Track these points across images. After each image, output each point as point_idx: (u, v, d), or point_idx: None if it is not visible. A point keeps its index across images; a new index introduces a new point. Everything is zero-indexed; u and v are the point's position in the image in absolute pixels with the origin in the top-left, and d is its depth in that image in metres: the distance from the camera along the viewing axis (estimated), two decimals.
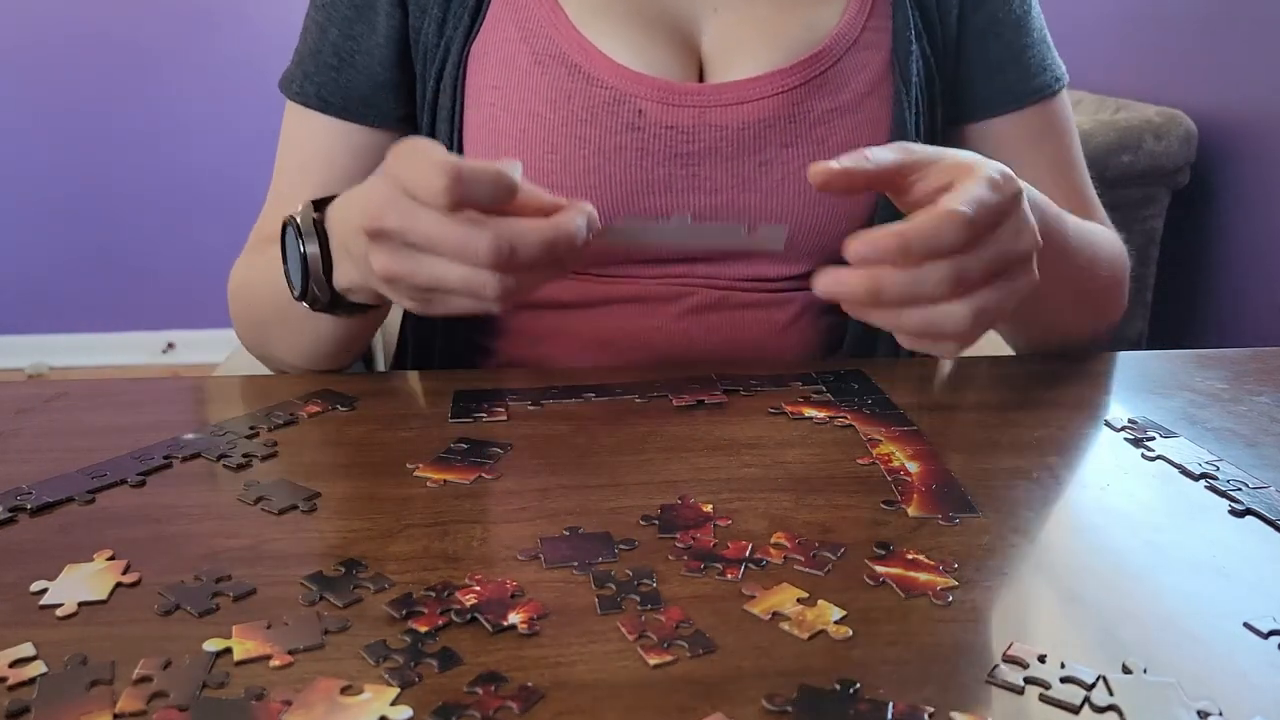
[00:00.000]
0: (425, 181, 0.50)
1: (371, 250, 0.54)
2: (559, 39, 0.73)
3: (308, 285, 0.63)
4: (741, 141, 0.74)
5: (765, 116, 0.74)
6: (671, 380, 0.69)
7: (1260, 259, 1.78)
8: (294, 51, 0.80)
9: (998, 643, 0.41)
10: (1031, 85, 0.80)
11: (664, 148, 0.73)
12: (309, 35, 0.78)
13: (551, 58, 0.73)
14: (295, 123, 0.79)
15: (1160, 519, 0.52)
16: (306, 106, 0.77)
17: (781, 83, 0.74)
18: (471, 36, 0.75)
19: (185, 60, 2.98)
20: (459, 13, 0.75)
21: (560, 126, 0.73)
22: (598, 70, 0.73)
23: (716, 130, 0.73)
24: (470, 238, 0.51)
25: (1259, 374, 0.72)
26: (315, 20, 0.78)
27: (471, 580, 0.45)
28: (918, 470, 0.56)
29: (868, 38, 0.76)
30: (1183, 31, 2.00)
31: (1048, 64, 0.81)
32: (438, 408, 0.65)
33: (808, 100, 0.74)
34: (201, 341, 3.11)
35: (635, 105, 0.73)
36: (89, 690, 0.38)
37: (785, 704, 0.37)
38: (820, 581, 0.46)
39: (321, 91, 0.77)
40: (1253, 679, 0.40)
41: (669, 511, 0.52)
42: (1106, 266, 0.78)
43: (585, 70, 0.73)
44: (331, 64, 0.77)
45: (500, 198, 0.52)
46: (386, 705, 0.37)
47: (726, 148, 0.74)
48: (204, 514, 0.52)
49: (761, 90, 0.74)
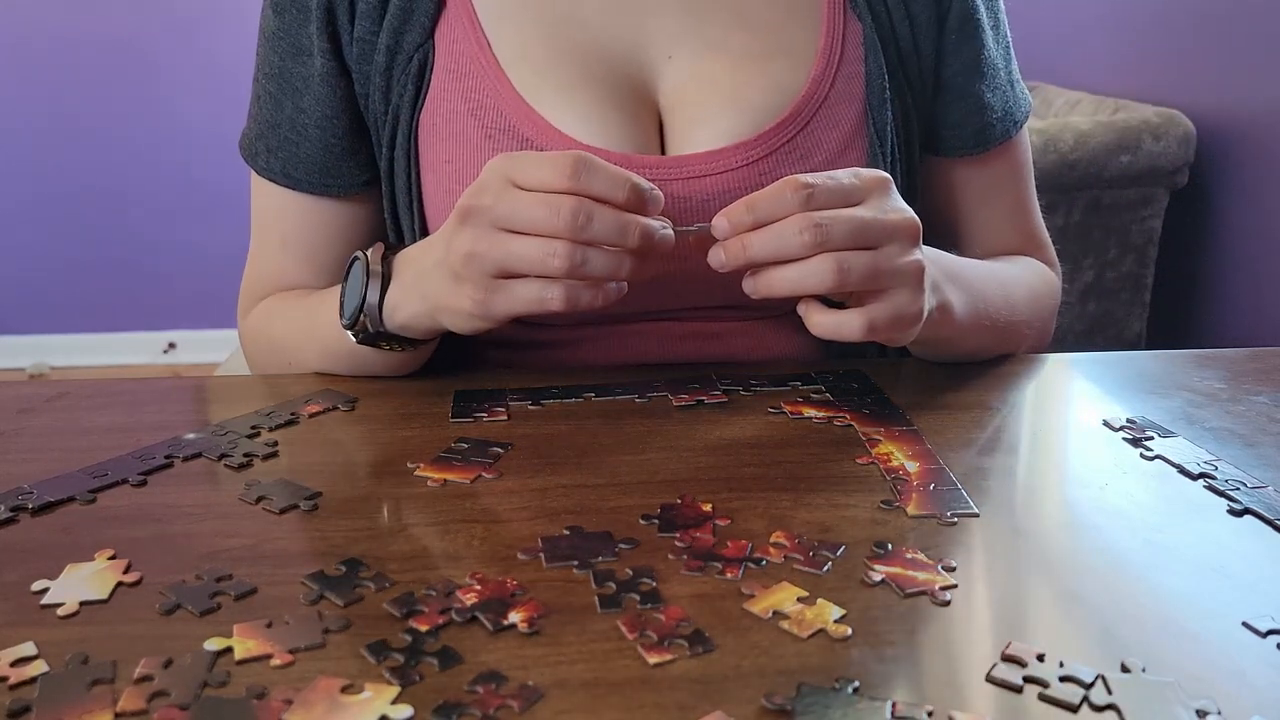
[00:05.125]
0: (544, 161, 0.55)
1: (457, 233, 0.57)
2: (508, 112, 0.70)
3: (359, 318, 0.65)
4: (708, 211, 0.66)
5: (732, 188, 0.69)
6: (671, 380, 0.69)
7: (1259, 259, 1.78)
8: (248, 114, 0.77)
9: (997, 642, 0.41)
10: (998, 130, 0.79)
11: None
12: (264, 106, 0.75)
13: (502, 132, 0.69)
14: (265, 194, 0.77)
15: (1159, 519, 0.52)
16: (274, 183, 0.76)
17: (747, 154, 0.70)
18: (419, 106, 0.72)
19: (186, 61, 2.98)
20: (402, 80, 0.71)
21: None
22: (550, 144, 0.69)
23: (680, 202, 0.69)
24: (553, 201, 0.55)
25: (1257, 374, 0.72)
26: (268, 90, 0.75)
27: (472, 579, 0.45)
28: (917, 470, 0.56)
29: (840, 89, 0.72)
30: (1182, 31, 2.00)
31: (1014, 104, 0.80)
32: (438, 408, 0.65)
33: (777, 169, 0.70)
34: (202, 341, 3.11)
35: None
36: (90, 689, 0.38)
37: (785, 703, 0.37)
38: (820, 581, 0.46)
39: (287, 168, 0.75)
40: (1251, 678, 0.40)
41: (669, 511, 0.52)
42: (1025, 304, 0.77)
43: (537, 144, 0.69)
44: (291, 139, 0.74)
45: (618, 196, 0.56)
46: (387, 704, 0.37)
47: (691, 218, 0.69)
48: (205, 513, 0.52)
49: (726, 162, 0.69)
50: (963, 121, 0.78)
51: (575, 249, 0.55)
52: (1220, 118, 1.87)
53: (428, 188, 0.72)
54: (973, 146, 0.79)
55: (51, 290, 3.10)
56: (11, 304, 3.09)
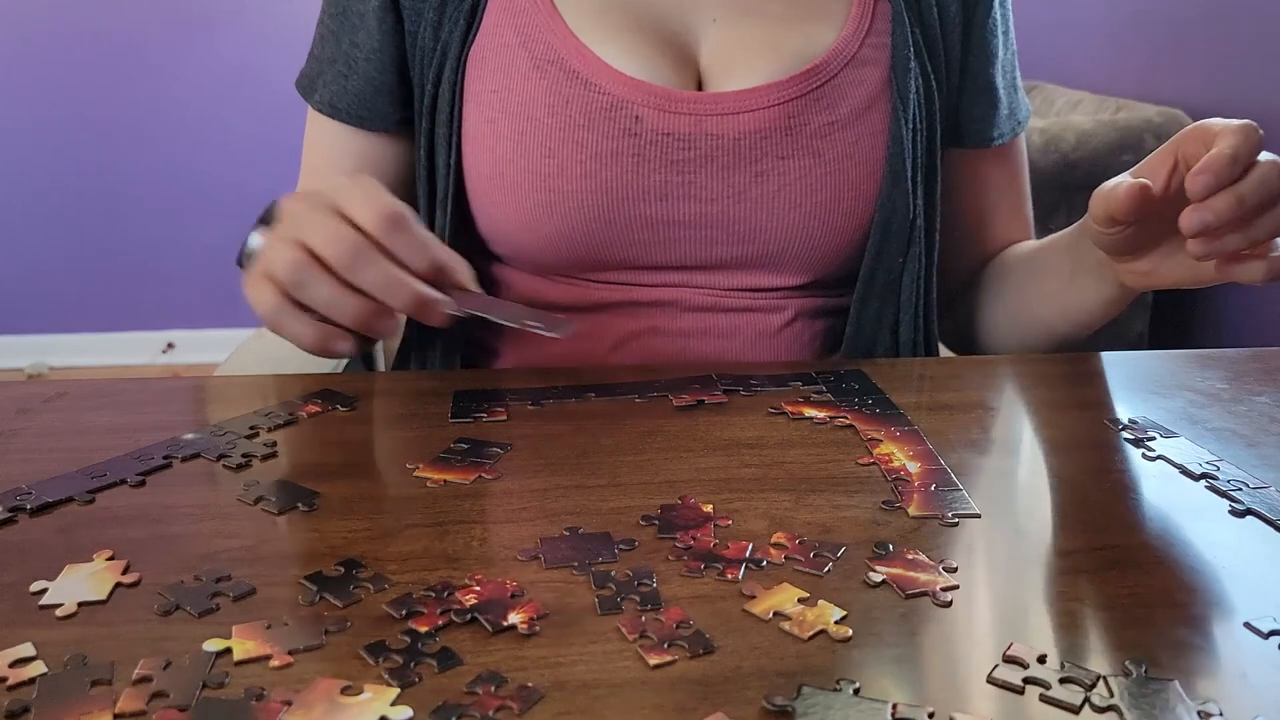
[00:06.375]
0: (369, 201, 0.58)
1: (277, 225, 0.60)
2: (557, 45, 0.74)
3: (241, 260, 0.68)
4: (738, 151, 0.74)
5: (761, 127, 0.74)
6: (671, 380, 0.69)
7: None
8: (308, 53, 0.82)
9: (998, 643, 0.41)
10: (1011, 124, 0.85)
11: (660, 154, 0.73)
12: (325, 42, 0.80)
13: (550, 63, 0.74)
14: (312, 126, 0.83)
15: (1160, 519, 0.52)
16: (320, 113, 0.80)
17: (778, 94, 0.74)
18: (469, 40, 0.76)
19: (186, 61, 2.98)
20: (455, 16, 0.75)
21: (557, 131, 0.73)
22: (596, 76, 0.73)
23: (712, 139, 0.73)
24: (341, 235, 0.57)
25: (1259, 374, 0.72)
26: (329, 28, 0.80)
27: (471, 580, 0.45)
28: (918, 470, 0.56)
29: (866, 54, 0.76)
30: (1183, 31, 2.00)
31: (1022, 103, 0.87)
32: (438, 408, 0.65)
33: (805, 113, 0.74)
34: (201, 341, 3.11)
35: (632, 111, 0.73)
36: (89, 690, 0.38)
37: (785, 704, 0.37)
38: (820, 581, 0.46)
39: (334, 100, 0.79)
40: (1253, 679, 0.40)
41: (669, 511, 0.52)
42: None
43: (583, 76, 0.73)
44: (343, 72, 0.79)
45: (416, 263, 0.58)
46: (386, 705, 0.37)
47: (723, 156, 0.74)
48: (204, 514, 0.52)
49: (758, 101, 0.74)
50: (983, 115, 0.83)
51: (325, 284, 0.57)
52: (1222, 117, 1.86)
53: (469, 118, 0.76)
54: (990, 140, 0.84)
55: (50, 290, 3.10)
56: (10, 304, 3.09)
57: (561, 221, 0.74)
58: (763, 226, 0.75)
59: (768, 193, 0.74)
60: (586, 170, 0.73)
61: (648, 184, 0.74)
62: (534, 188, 0.73)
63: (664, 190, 0.74)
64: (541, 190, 0.73)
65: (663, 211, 0.74)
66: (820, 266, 0.77)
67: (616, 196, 0.74)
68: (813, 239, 0.76)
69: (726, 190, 0.74)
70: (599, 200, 0.73)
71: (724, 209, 0.75)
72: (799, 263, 0.77)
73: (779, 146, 0.74)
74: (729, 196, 0.74)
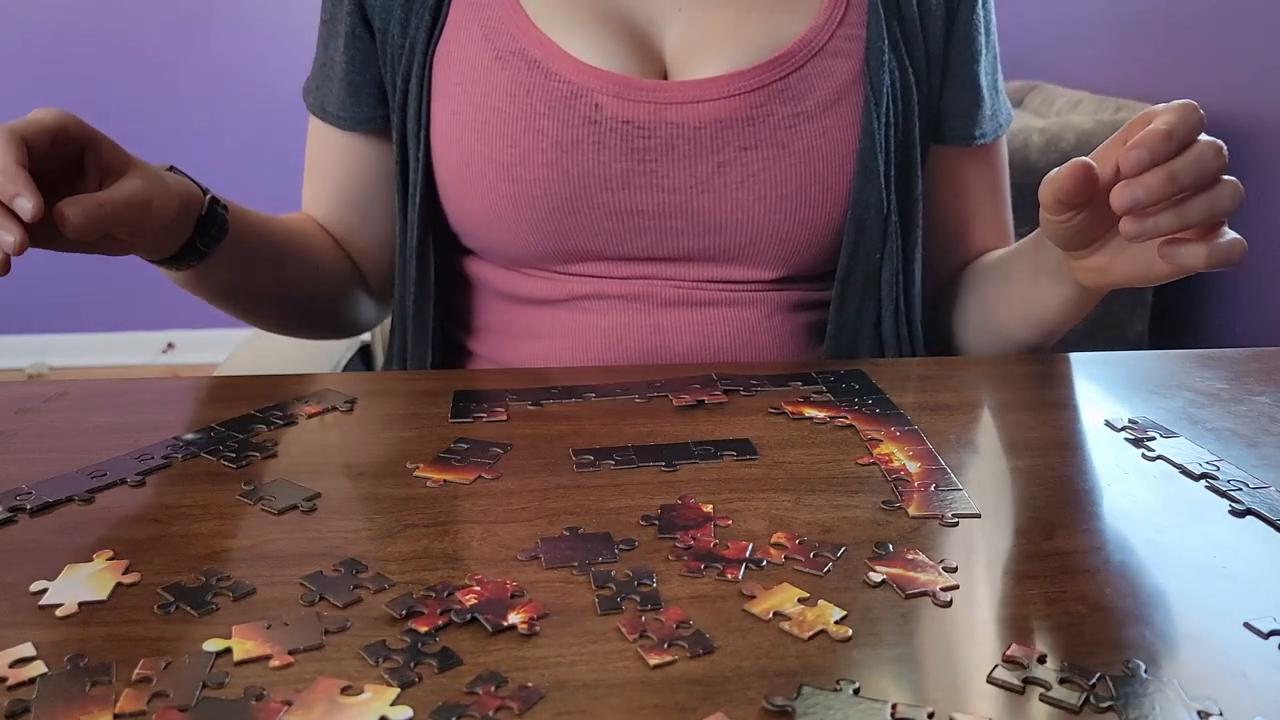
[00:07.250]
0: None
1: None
2: (519, 36, 0.75)
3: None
4: (699, 141, 0.74)
5: (723, 117, 0.73)
6: (671, 380, 0.69)
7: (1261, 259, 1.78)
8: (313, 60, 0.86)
9: (998, 643, 0.41)
10: (993, 124, 0.84)
11: (620, 142, 0.73)
12: (318, 48, 0.84)
13: (512, 54, 0.74)
14: (309, 128, 0.86)
15: (1160, 519, 0.52)
16: (314, 116, 0.84)
17: (741, 84, 0.73)
18: (435, 37, 0.77)
19: (184, 63, 2.98)
20: (420, 13, 0.77)
21: (519, 120, 0.73)
22: (556, 65, 0.73)
23: (672, 127, 0.73)
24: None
25: (1259, 374, 0.72)
26: (321, 34, 0.83)
27: (471, 580, 0.45)
28: (918, 470, 0.56)
29: (837, 45, 0.75)
30: (1183, 31, 2.00)
31: (1004, 106, 0.85)
32: (438, 408, 0.65)
33: (769, 104, 0.74)
34: (201, 341, 3.11)
35: (592, 99, 0.73)
36: (89, 690, 0.38)
37: (786, 704, 0.37)
38: (820, 581, 0.46)
39: (323, 102, 0.83)
40: (1253, 679, 0.40)
41: (669, 511, 0.52)
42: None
43: (544, 65, 0.74)
44: (329, 75, 0.82)
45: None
46: (386, 705, 0.37)
47: (684, 145, 0.74)
48: (204, 514, 0.52)
49: (720, 90, 0.73)
50: (965, 112, 0.82)
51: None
52: (1221, 117, 1.87)
53: (436, 111, 0.77)
54: (973, 138, 0.83)
55: (50, 290, 3.09)
56: (10, 304, 3.09)
57: (528, 210, 0.75)
58: (729, 217, 0.75)
59: (731, 183, 0.74)
60: (548, 159, 0.73)
61: (609, 172, 0.74)
62: (499, 177, 0.74)
63: (625, 179, 0.74)
64: (506, 180, 0.74)
65: (626, 201, 0.75)
66: (793, 260, 0.77)
67: (579, 185, 0.74)
68: (780, 232, 0.75)
69: (689, 180, 0.74)
70: (562, 189, 0.74)
71: (687, 199, 0.75)
72: (770, 256, 0.77)
73: (741, 137, 0.74)
74: (691, 186, 0.74)
